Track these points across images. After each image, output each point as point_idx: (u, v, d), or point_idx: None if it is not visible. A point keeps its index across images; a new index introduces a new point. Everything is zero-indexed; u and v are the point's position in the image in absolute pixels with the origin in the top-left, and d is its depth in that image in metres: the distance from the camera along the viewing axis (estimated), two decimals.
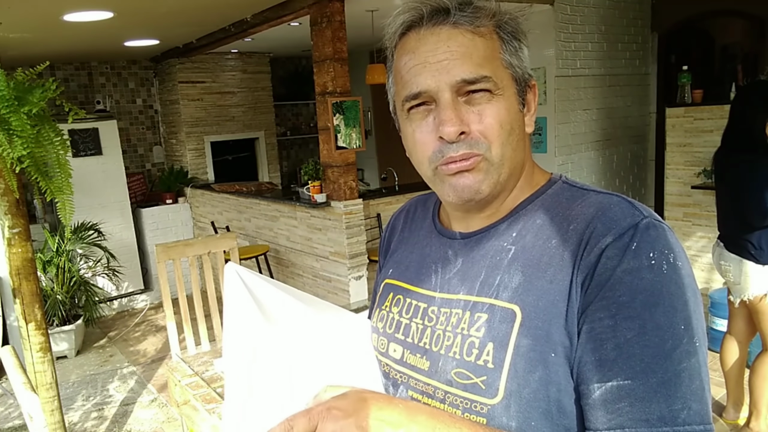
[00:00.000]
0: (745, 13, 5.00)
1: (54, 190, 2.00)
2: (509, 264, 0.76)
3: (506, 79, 0.75)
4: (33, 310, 2.21)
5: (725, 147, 2.57)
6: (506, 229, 0.80)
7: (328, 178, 3.91)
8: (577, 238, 0.71)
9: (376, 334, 0.91)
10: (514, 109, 0.76)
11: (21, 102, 1.86)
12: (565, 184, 0.81)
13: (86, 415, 3.51)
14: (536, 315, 0.71)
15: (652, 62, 5.42)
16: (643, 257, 0.66)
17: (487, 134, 0.74)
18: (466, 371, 0.75)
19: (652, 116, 5.48)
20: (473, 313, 0.77)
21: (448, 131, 0.72)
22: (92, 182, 5.28)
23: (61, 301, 4.28)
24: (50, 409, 2.25)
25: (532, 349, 0.70)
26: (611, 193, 0.76)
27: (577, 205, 0.75)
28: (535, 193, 0.81)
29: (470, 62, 0.72)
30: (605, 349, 0.66)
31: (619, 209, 0.71)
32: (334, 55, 3.67)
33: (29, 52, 4.77)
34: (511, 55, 0.75)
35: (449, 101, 0.73)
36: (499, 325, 0.73)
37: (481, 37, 0.73)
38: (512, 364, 0.71)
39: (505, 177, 0.77)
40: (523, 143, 0.78)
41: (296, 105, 7.51)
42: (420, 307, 0.85)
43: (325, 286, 4.20)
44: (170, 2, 3.53)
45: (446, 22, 0.73)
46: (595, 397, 0.66)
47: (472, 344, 0.75)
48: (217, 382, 1.72)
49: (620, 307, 0.66)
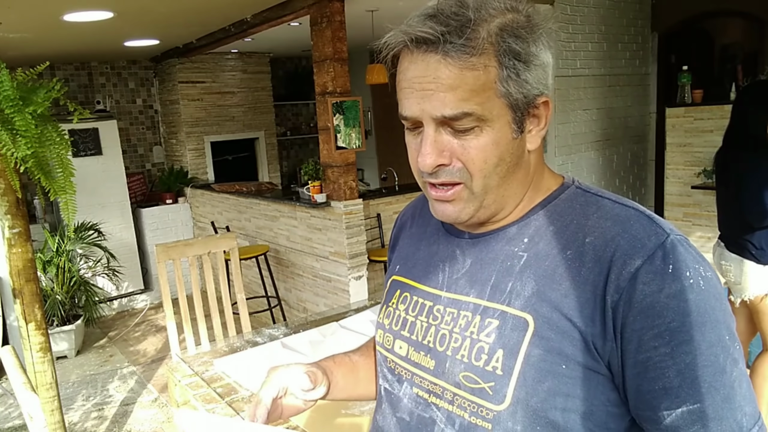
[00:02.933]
0: (745, 13, 5.00)
1: (57, 189, 2.01)
2: (521, 271, 0.76)
3: (498, 108, 0.71)
4: (33, 310, 2.21)
5: (726, 147, 2.57)
6: (517, 234, 0.79)
7: (328, 178, 3.91)
8: (598, 255, 0.71)
9: (382, 330, 0.91)
10: (505, 139, 0.73)
11: (26, 102, 1.87)
12: (579, 190, 0.80)
13: (86, 415, 3.51)
14: (549, 327, 0.71)
15: (652, 62, 5.43)
16: (683, 278, 0.67)
17: (469, 167, 0.73)
18: (473, 375, 0.75)
19: (652, 116, 5.48)
20: (483, 317, 0.77)
21: (424, 164, 0.74)
22: (92, 182, 5.28)
23: (61, 301, 4.28)
24: (50, 409, 2.25)
25: (542, 359, 0.71)
26: (626, 203, 0.75)
27: (593, 214, 0.75)
28: (547, 198, 0.80)
29: (454, 97, 0.70)
30: (667, 376, 0.67)
31: (640, 225, 0.71)
32: (334, 55, 3.67)
33: (29, 52, 4.77)
34: (510, 82, 0.71)
35: (430, 135, 0.73)
36: (510, 332, 0.73)
37: (471, 71, 0.69)
38: (521, 373, 0.71)
39: (491, 202, 0.77)
40: (518, 166, 0.76)
41: (296, 105, 7.51)
42: (425, 305, 0.85)
43: (325, 286, 4.20)
44: (170, 2, 3.53)
45: (436, 50, 0.70)
46: (667, 423, 0.68)
47: (481, 349, 0.75)
48: (217, 382, 1.72)
49: (673, 333, 0.66)
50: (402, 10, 4.57)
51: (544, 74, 0.74)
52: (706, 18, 5.33)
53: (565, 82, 4.77)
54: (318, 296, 4.34)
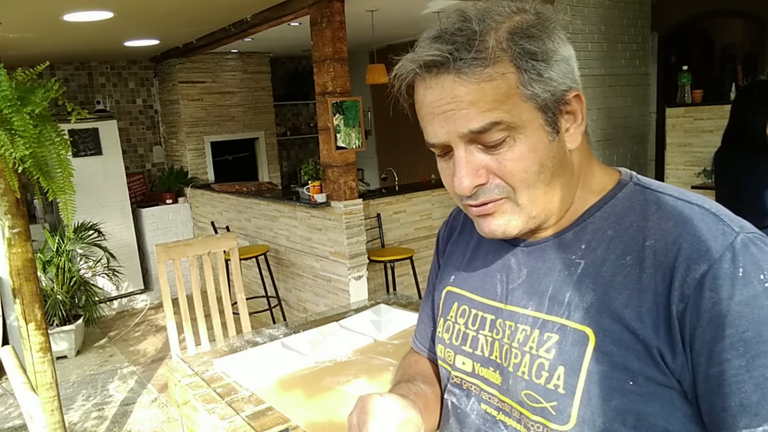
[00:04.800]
0: (745, 13, 5.00)
1: (56, 189, 2.01)
2: (579, 280, 0.71)
3: (529, 112, 0.68)
4: (33, 310, 2.21)
5: (725, 147, 2.57)
6: (573, 240, 0.74)
7: (328, 178, 3.91)
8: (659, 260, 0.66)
9: (443, 345, 0.88)
10: (542, 143, 0.69)
11: (24, 102, 1.87)
12: (637, 186, 0.74)
13: (86, 415, 3.51)
14: (611, 340, 0.67)
15: (652, 62, 5.43)
16: (755, 282, 0.61)
17: (509, 181, 0.70)
18: (535, 393, 0.72)
19: (652, 116, 5.48)
20: (542, 332, 0.73)
21: (461, 188, 0.70)
22: (92, 182, 5.28)
23: (61, 301, 4.28)
24: (50, 409, 2.25)
25: (607, 376, 0.66)
26: (690, 199, 0.70)
27: (653, 214, 0.69)
28: (603, 199, 0.75)
29: (477, 110, 0.66)
30: (744, 392, 0.61)
31: (705, 225, 0.65)
32: (334, 55, 3.68)
33: (29, 52, 4.77)
34: (533, 83, 0.67)
35: (462, 156, 0.70)
36: (571, 348, 0.69)
37: (489, 82, 0.66)
38: (585, 391, 0.67)
39: (539, 211, 0.72)
40: (562, 170, 0.72)
41: (296, 105, 7.51)
42: (486, 318, 0.82)
43: (325, 286, 4.20)
44: (170, 2, 3.53)
45: (448, 72, 0.67)
46: None
47: (541, 366, 0.72)
48: (217, 382, 1.72)
49: (748, 344, 0.61)
50: (402, 10, 4.57)
51: (569, 68, 0.70)
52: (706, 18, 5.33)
53: None
54: (318, 296, 4.34)
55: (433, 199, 4.56)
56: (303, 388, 1.63)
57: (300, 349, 1.89)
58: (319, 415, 1.47)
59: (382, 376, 1.67)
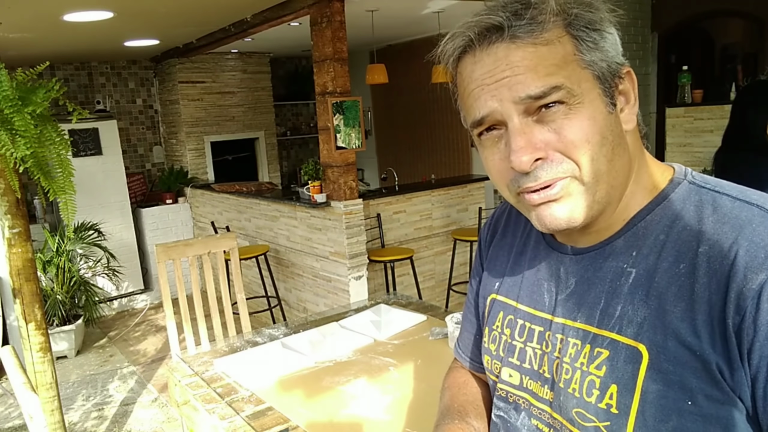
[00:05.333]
0: (745, 13, 5.00)
1: (56, 189, 2.01)
2: (631, 291, 0.67)
3: (587, 81, 0.65)
4: (33, 310, 2.21)
5: (726, 147, 2.57)
6: (624, 247, 0.70)
7: (328, 178, 3.91)
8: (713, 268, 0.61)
9: (489, 356, 0.85)
10: (601, 113, 0.65)
11: (25, 102, 1.87)
12: (693, 186, 0.69)
13: (86, 415, 3.51)
14: (666, 357, 0.63)
15: (652, 62, 5.43)
16: None
17: (570, 153, 0.64)
18: (586, 413, 0.68)
19: (652, 116, 5.48)
20: (593, 347, 0.69)
21: (519, 162, 0.65)
22: (92, 182, 5.28)
23: (61, 301, 4.28)
24: (50, 409, 2.25)
25: (663, 396, 0.62)
26: (750, 200, 0.64)
27: (709, 217, 0.64)
28: (655, 200, 0.70)
29: (535, 75, 0.63)
30: None
31: (764, 228, 0.60)
32: (334, 55, 3.68)
33: (29, 52, 4.77)
34: (589, 51, 0.65)
35: (517, 126, 0.65)
36: (624, 365, 0.65)
37: (546, 46, 0.64)
38: (640, 412, 0.64)
39: (603, 194, 0.67)
40: (621, 147, 0.68)
41: (296, 105, 7.51)
42: (534, 330, 0.78)
43: (325, 286, 4.21)
44: (170, 2, 3.53)
45: (502, 39, 0.64)
46: None
47: (592, 383, 0.68)
48: (217, 382, 1.72)
49: None
50: (402, 10, 4.57)
51: (617, 43, 0.68)
52: (706, 18, 5.33)
53: None
54: (318, 296, 4.34)
55: (433, 199, 4.56)
56: (303, 388, 1.63)
57: (300, 349, 1.89)
58: (319, 415, 1.47)
59: (382, 376, 1.67)
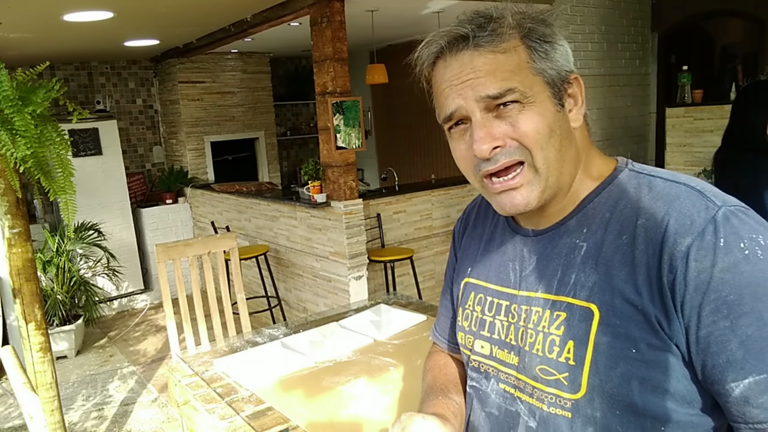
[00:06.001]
0: (745, 13, 5.00)
1: (56, 189, 2.00)
2: (583, 262, 0.79)
3: (537, 85, 0.77)
4: (33, 310, 2.21)
5: (725, 147, 2.57)
6: (576, 225, 0.82)
7: (328, 178, 3.91)
8: (650, 236, 0.73)
9: (462, 332, 0.96)
10: (550, 111, 0.77)
11: (25, 102, 1.87)
12: (632, 172, 0.82)
13: (86, 415, 3.51)
14: (613, 314, 0.74)
15: (652, 62, 5.43)
16: (735, 251, 0.67)
17: (524, 142, 0.76)
18: (549, 368, 0.79)
19: (652, 116, 5.48)
20: (553, 311, 0.80)
21: (480, 149, 0.77)
22: (92, 182, 5.28)
23: (61, 301, 4.28)
24: (50, 409, 2.25)
25: (612, 346, 0.73)
26: (678, 179, 0.77)
27: (645, 196, 0.77)
28: (601, 185, 0.82)
29: (494, 78, 0.75)
30: (730, 349, 0.67)
31: (690, 201, 0.72)
32: (334, 55, 3.68)
33: (29, 52, 4.77)
34: (541, 60, 0.77)
35: (479, 120, 0.77)
36: (579, 323, 0.77)
37: (503, 54, 0.76)
38: (593, 361, 0.75)
39: (555, 180, 0.79)
40: (569, 141, 0.80)
41: (296, 105, 7.51)
42: (502, 304, 0.89)
43: (325, 286, 4.21)
44: (170, 2, 3.53)
45: (467, 47, 0.77)
46: (736, 395, 0.68)
47: (553, 342, 0.79)
48: (217, 382, 1.72)
49: (731, 306, 0.67)
50: (402, 10, 4.57)
51: (567, 54, 0.80)
52: (706, 18, 5.33)
53: None
54: (318, 296, 4.34)
55: (433, 199, 4.56)
56: (303, 388, 1.63)
57: (300, 349, 1.89)
58: (319, 415, 1.47)
59: (382, 376, 1.66)
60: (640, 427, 0.74)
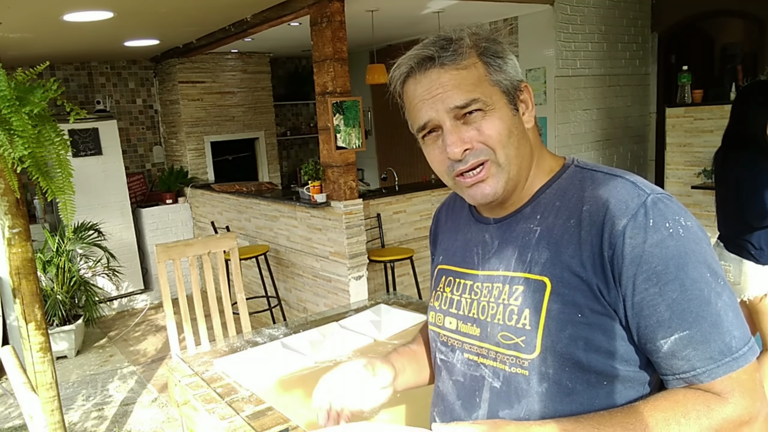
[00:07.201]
0: (745, 13, 5.00)
1: (55, 189, 2.00)
2: (537, 243, 0.91)
3: (495, 94, 0.90)
4: (33, 310, 2.21)
5: (726, 147, 2.57)
6: (531, 213, 0.95)
7: (328, 178, 3.91)
8: (593, 219, 0.86)
9: (434, 311, 1.07)
10: (507, 116, 0.91)
11: (22, 102, 1.86)
12: (577, 168, 0.95)
13: (86, 415, 3.51)
14: (563, 284, 0.86)
15: (652, 62, 5.42)
16: (662, 229, 0.81)
17: (488, 143, 0.90)
18: (509, 333, 0.91)
19: (652, 116, 5.48)
20: (512, 286, 0.92)
21: (453, 152, 0.90)
22: (92, 182, 5.28)
23: (61, 301, 4.28)
24: (50, 409, 2.25)
25: (561, 312, 0.86)
26: (616, 173, 0.90)
27: (589, 187, 0.90)
28: (551, 179, 0.96)
29: (459, 91, 0.88)
30: (659, 312, 0.81)
31: (625, 190, 0.86)
32: (334, 55, 3.67)
33: (29, 52, 4.77)
34: (496, 73, 0.90)
35: (450, 127, 0.90)
36: (533, 294, 0.89)
37: (465, 69, 0.89)
38: (546, 325, 0.86)
39: (515, 173, 0.92)
40: (525, 139, 0.93)
41: (296, 105, 7.51)
42: (467, 284, 1.01)
43: (325, 286, 4.21)
44: (170, 2, 3.53)
45: (434, 65, 0.89)
46: (665, 350, 0.81)
47: (512, 311, 0.91)
48: (217, 382, 1.72)
49: (659, 275, 0.80)
50: (402, 10, 4.57)
51: (516, 66, 0.93)
52: (706, 18, 5.33)
53: (565, 82, 4.76)
54: (318, 296, 4.34)
55: (433, 199, 4.56)
56: (303, 388, 1.63)
57: (300, 349, 1.89)
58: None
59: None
60: (586, 381, 0.86)
